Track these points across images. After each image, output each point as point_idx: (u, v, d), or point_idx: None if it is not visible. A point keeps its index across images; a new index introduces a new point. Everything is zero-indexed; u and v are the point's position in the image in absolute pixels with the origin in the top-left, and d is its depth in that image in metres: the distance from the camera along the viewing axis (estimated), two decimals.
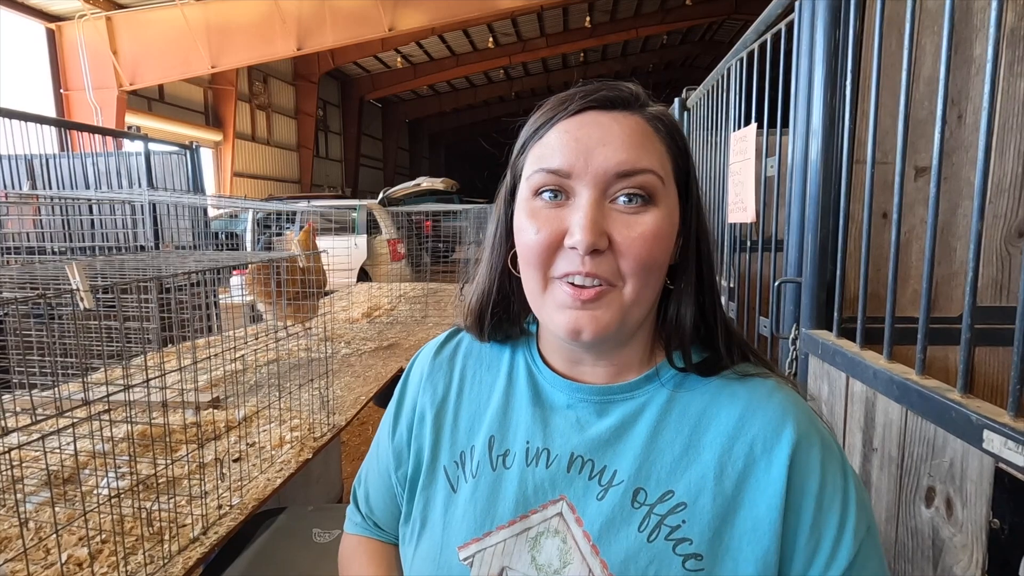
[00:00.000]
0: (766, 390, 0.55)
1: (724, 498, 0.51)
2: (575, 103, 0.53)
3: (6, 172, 3.47)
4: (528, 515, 0.54)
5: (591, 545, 0.51)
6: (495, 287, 0.61)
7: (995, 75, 0.75)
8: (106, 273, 1.19)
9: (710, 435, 0.53)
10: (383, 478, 0.68)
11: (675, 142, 0.54)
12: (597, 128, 0.51)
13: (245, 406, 1.71)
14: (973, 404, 0.75)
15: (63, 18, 8.75)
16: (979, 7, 1.18)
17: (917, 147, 1.20)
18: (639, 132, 0.52)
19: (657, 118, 0.54)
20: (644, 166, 0.50)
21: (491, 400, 0.61)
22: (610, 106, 0.52)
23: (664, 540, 0.50)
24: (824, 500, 0.50)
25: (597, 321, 0.51)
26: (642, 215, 0.50)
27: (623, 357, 0.57)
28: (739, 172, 1.77)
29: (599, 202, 0.50)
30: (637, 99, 0.54)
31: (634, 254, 0.50)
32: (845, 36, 1.18)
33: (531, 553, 0.53)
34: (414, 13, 9.37)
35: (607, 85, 0.54)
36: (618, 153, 0.50)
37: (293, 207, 3.60)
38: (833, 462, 0.52)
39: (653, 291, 0.53)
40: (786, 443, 0.51)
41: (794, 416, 0.53)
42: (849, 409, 1.08)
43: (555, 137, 0.52)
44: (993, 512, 0.71)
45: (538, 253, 0.52)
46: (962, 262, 1.25)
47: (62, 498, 1.19)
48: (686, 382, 0.56)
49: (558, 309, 0.52)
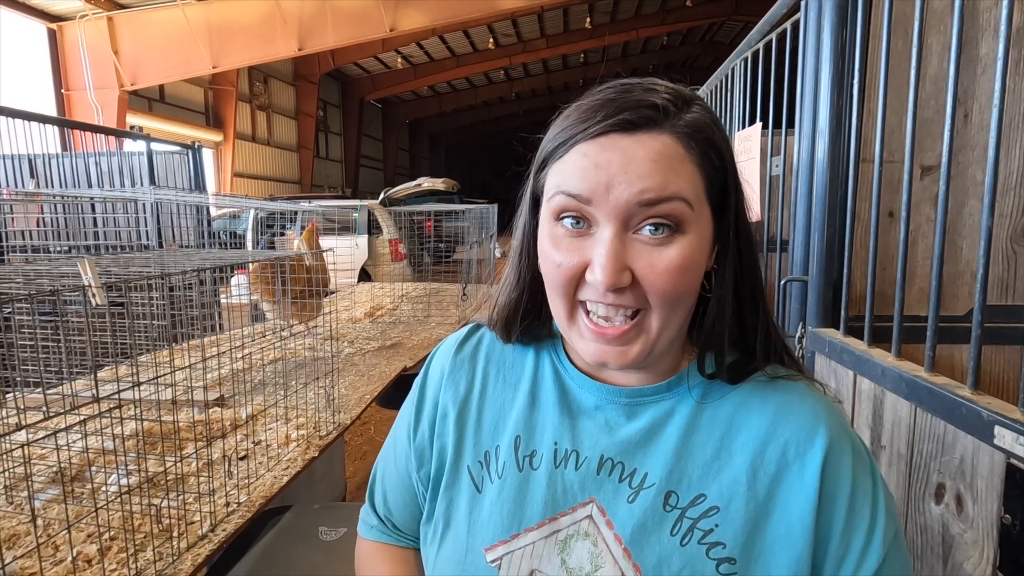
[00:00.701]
0: (798, 393, 0.54)
1: (757, 502, 0.50)
2: (596, 125, 0.48)
3: (9, 171, 3.47)
4: (557, 517, 0.54)
5: (623, 548, 0.51)
6: (524, 296, 0.60)
7: (1005, 74, 0.76)
8: (113, 271, 1.19)
9: (742, 438, 0.53)
10: (402, 478, 0.66)
11: (711, 158, 0.50)
12: (618, 154, 0.47)
13: (251, 404, 1.72)
14: (984, 400, 0.76)
15: (64, 18, 8.75)
16: (985, 7, 1.18)
17: (923, 146, 1.21)
18: (666, 155, 0.47)
19: (690, 134, 0.48)
20: (670, 193, 0.47)
21: (516, 399, 0.60)
22: (633, 128, 0.48)
23: (697, 544, 0.50)
24: (855, 506, 0.50)
25: (624, 355, 0.50)
26: (668, 247, 0.48)
27: (652, 364, 0.56)
28: (744, 172, 1.77)
29: (620, 235, 0.47)
30: (666, 113, 0.48)
31: (658, 289, 0.48)
32: (852, 36, 1.18)
33: (561, 556, 0.52)
34: (415, 13, 9.39)
35: (629, 103, 0.48)
36: (641, 181, 0.46)
37: (295, 207, 3.60)
38: (863, 468, 0.51)
39: (683, 314, 0.52)
40: (819, 448, 0.51)
41: (826, 421, 0.52)
42: (857, 407, 1.09)
43: (574, 160, 0.49)
44: (1005, 508, 0.71)
45: (562, 283, 0.51)
46: (968, 261, 1.26)
47: (71, 495, 1.19)
48: (715, 385, 0.55)
49: (585, 339, 0.51)
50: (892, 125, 1.15)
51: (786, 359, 0.57)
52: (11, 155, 3.27)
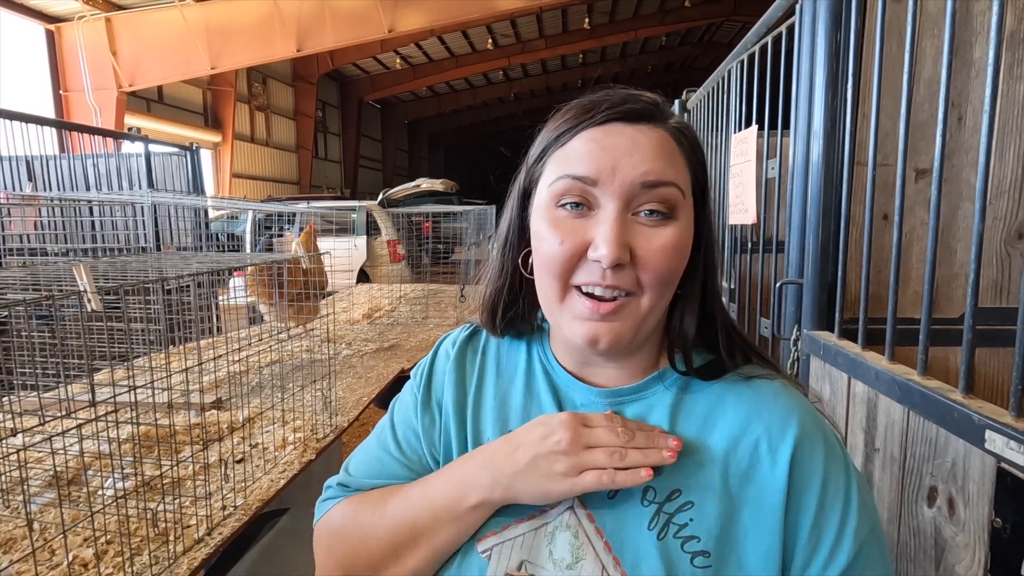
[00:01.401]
0: (772, 391, 0.56)
1: (729, 496, 0.52)
2: (602, 112, 0.53)
3: (6, 173, 3.47)
4: (546, 510, 0.55)
5: (604, 542, 0.52)
6: (506, 287, 0.62)
7: (996, 78, 0.76)
8: (110, 275, 1.19)
9: (716, 434, 0.54)
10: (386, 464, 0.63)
11: (696, 156, 0.55)
12: (624, 138, 0.52)
13: (248, 407, 1.72)
14: (975, 404, 0.76)
15: (63, 19, 8.74)
16: (979, 10, 1.19)
17: (917, 149, 1.21)
18: (664, 145, 0.53)
19: (680, 131, 0.55)
20: (669, 178, 0.51)
21: (511, 396, 0.62)
22: (635, 119, 0.53)
23: (673, 538, 0.51)
24: (826, 500, 0.51)
25: (614, 332, 0.52)
26: (663, 228, 0.51)
27: (633, 361, 0.59)
28: (740, 174, 1.78)
29: (623, 215, 0.51)
30: (661, 112, 0.55)
31: (654, 267, 0.51)
32: (846, 39, 1.18)
33: (548, 547, 0.54)
34: (414, 14, 9.38)
35: (631, 96, 0.54)
36: (645, 163, 0.51)
37: (293, 208, 3.60)
38: (836, 463, 0.52)
39: (667, 300, 0.55)
40: (789, 441, 0.52)
41: (799, 416, 0.54)
42: (851, 410, 1.09)
43: (580, 145, 0.53)
44: (995, 512, 0.72)
45: (560, 263, 0.52)
46: (961, 264, 1.26)
47: (67, 499, 1.20)
48: (691, 384, 0.58)
49: (576, 319, 0.53)
50: (886, 128, 1.15)
51: (754, 359, 0.59)
52: (9, 157, 3.26)
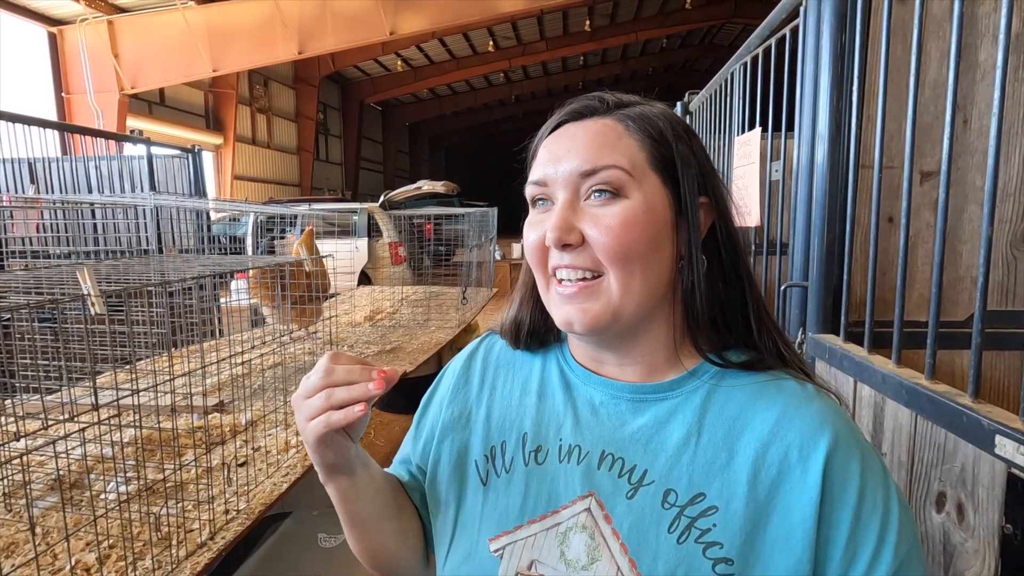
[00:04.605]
0: (805, 396, 0.54)
1: (757, 504, 0.50)
2: (554, 120, 0.60)
3: (9, 176, 3.47)
4: (559, 510, 0.55)
5: (620, 543, 0.52)
6: (529, 295, 0.66)
7: (1004, 80, 0.76)
8: (112, 278, 1.19)
9: (745, 439, 0.53)
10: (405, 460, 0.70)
11: (649, 134, 0.56)
12: (566, 139, 0.57)
13: (250, 410, 1.71)
14: (984, 409, 0.75)
15: (65, 22, 8.77)
16: (984, 12, 1.18)
17: (923, 151, 1.20)
18: (604, 133, 0.56)
19: (628, 116, 0.57)
20: (606, 163, 0.54)
21: (524, 398, 0.63)
22: (579, 116, 0.58)
23: (694, 543, 0.50)
24: (862, 513, 0.49)
25: (585, 313, 0.54)
26: (610, 206, 0.54)
27: (643, 355, 0.58)
28: (743, 176, 1.77)
29: (572, 202, 0.55)
30: (605, 104, 0.58)
31: (604, 244, 0.53)
32: (851, 41, 1.18)
33: (560, 548, 0.53)
34: (415, 16, 9.40)
35: (581, 99, 0.60)
36: (579, 156, 0.55)
37: (295, 210, 3.60)
38: (874, 475, 0.50)
39: (645, 282, 0.54)
40: (822, 451, 0.50)
41: (832, 424, 0.52)
42: (857, 414, 1.08)
43: (540, 155, 0.59)
44: (1006, 518, 0.71)
45: (531, 254, 0.58)
46: (967, 267, 1.25)
47: (69, 503, 1.19)
48: (724, 380, 0.56)
49: (555, 305, 0.57)
50: (892, 130, 1.14)
51: (786, 353, 0.58)
52: (11, 159, 3.27)
